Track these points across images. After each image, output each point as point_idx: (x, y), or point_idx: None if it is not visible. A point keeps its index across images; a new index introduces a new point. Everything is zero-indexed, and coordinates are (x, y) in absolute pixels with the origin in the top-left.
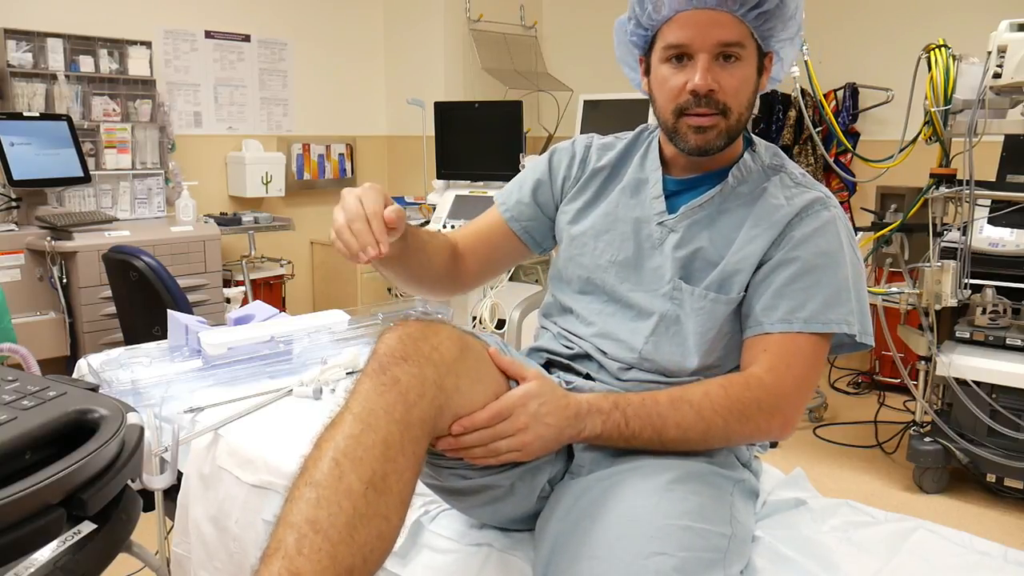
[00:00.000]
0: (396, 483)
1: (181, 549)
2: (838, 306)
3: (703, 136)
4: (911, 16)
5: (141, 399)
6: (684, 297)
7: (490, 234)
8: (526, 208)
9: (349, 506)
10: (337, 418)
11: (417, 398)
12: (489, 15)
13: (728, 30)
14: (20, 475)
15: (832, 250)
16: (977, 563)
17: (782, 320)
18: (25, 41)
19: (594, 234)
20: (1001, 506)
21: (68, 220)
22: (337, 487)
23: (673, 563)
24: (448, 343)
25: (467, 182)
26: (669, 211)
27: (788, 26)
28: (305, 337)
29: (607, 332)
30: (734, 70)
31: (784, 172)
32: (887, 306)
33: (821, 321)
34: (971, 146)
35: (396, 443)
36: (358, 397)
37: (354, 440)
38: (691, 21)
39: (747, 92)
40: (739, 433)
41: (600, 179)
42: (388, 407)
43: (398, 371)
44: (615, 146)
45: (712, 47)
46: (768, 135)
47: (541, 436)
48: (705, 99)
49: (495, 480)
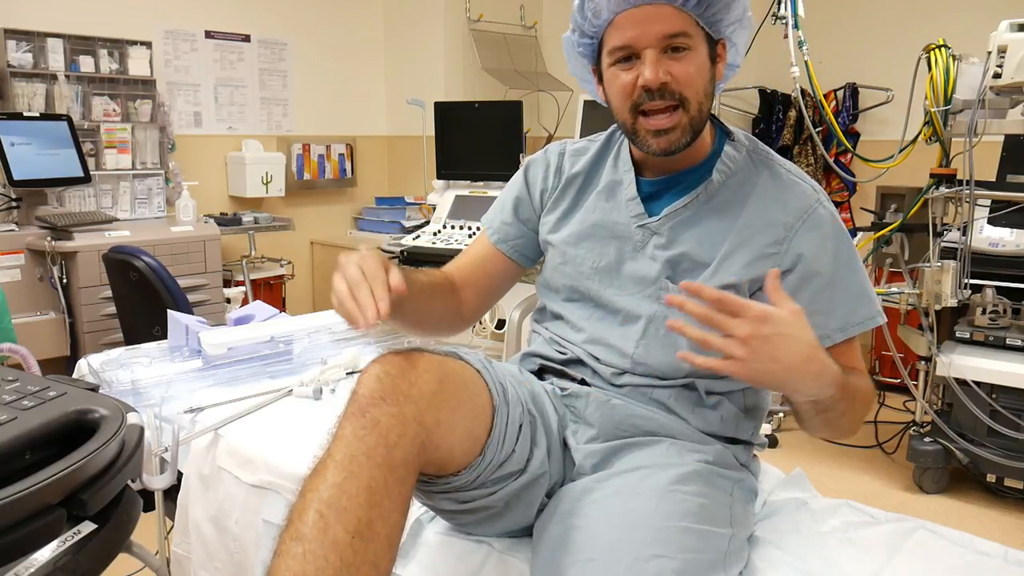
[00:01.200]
0: (383, 528)
1: (181, 549)
2: (864, 304)
3: (665, 138)
4: (911, 16)
5: (141, 399)
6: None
7: (483, 262)
8: (511, 228)
9: (336, 558)
10: (320, 466)
11: (398, 438)
12: (489, 15)
13: (670, 22)
14: (20, 475)
15: (840, 252)
16: (977, 563)
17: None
18: (25, 41)
19: (574, 241)
20: (1001, 506)
21: (68, 220)
22: (323, 540)
23: (673, 565)
24: (426, 376)
25: (467, 182)
26: (650, 213)
27: (732, 9)
28: (305, 337)
29: (598, 338)
30: (684, 60)
31: (774, 163)
32: (887, 306)
33: (857, 324)
34: (971, 146)
35: (380, 488)
36: (340, 443)
37: (337, 489)
38: (632, 20)
39: (702, 81)
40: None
41: (576, 186)
42: (369, 452)
43: (377, 412)
44: (588, 150)
45: (657, 41)
46: (768, 135)
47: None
48: (659, 92)
49: (489, 502)
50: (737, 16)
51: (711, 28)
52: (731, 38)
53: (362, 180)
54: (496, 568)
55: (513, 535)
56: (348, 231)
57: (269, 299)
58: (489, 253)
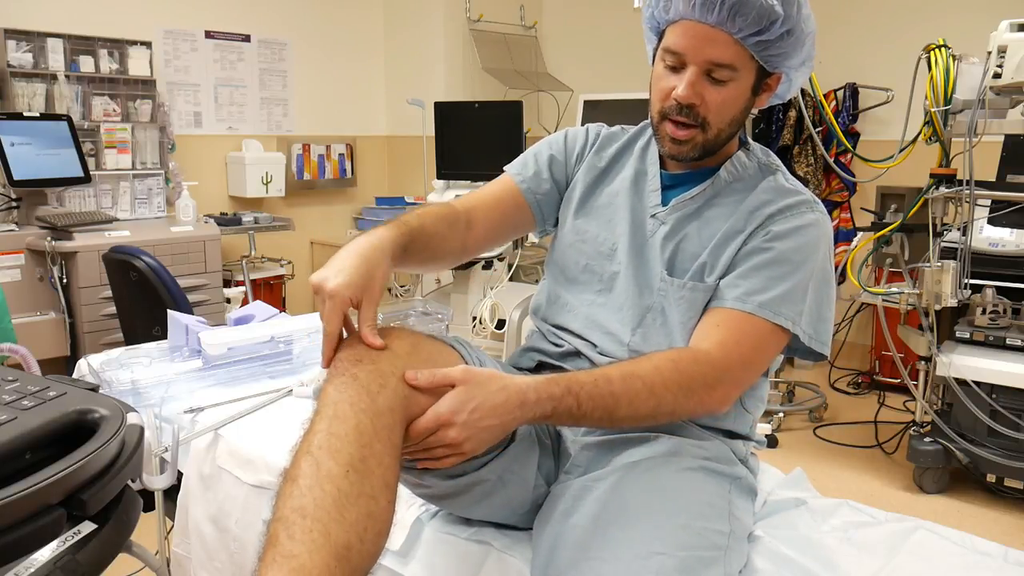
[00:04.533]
0: (376, 466)
1: (181, 549)
2: (792, 303)
3: (677, 147)
4: (911, 16)
5: (141, 399)
6: (668, 289)
7: (503, 203)
8: (544, 182)
9: (332, 488)
10: (308, 425)
11: (379, 388)
12: (489, 15)
13: (722, 50)
14: (20, 475)
15: (806, 250)
16: (977, 563)
17: (738, 299)
18: (25, 41)
19: (597, 223)
20: (1001, 506)
21: (68, 220)
22: (317, 474)
23: (674, 563)
24: (399, 341)
25: (467, 182)
26: (663, 204)
27: (796, 53)
28: (305, 337)
29: (597, 323)
30: (721, 89)
31: (780, 172)
32: (887, 306)
33: (772, 310)
34: (971, 146)
35: (368, 430)
36: (323, 399)
37: (325, 433)
38: (690, 32)
39: (733, 111)
40: (684, 407)
41: (601, 167)
42: (352, 399)
43: (356, 370)
44: (620, 137)
45: (703, 63)
46: (768, 135)
47: (483, 440)
48: (686, 109)
49: (480, 476)
50: (798, 61)
51: (767, 63)
52: (789, 74)
53: (362, 180)
54: (496, 567)
55: (513, 521)
56: (348, 231)
57: (269, 299)
58: (511, 197)
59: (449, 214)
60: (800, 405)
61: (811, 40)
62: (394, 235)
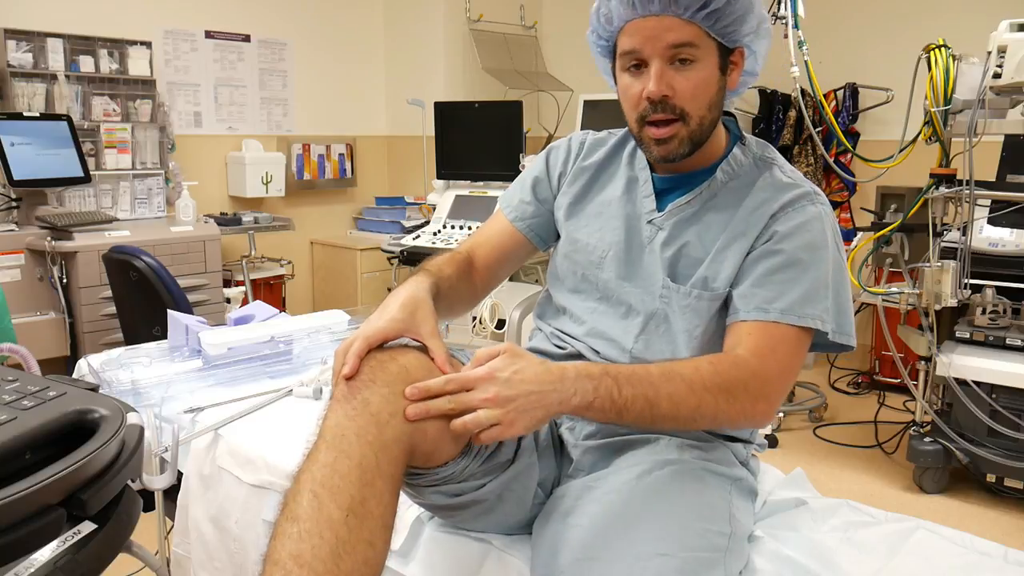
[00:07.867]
0: (376, 507)
1: (181, 549)
2: (815, 302)
3: (665, 147)
4: (911, 16)
5: (141, 399)
6: (672, 295)
7: (500, 241)
8: (528, 207)
9: (331, 536)
10: (312, 449)
11: (389, 417)
12: (489, 15)
13: (677, 32)
14: (20, 475)
15: (816, 246)
16: (977, 563)
17: (759, 308)
18: (25, 41)
19: (588, 231)
20: (1001, 506)
21: (68, 220)
22: (317, 518)
23: (674, 564)
24: (416, 363)
25: (467, 182)
26: (659, 210)
27: (747, 20)
28: (305, 337)
29: (599, 331)
30: (689, 73)
31: (776, 166)
32: (887, 306)
33: (797, 314)
34: (971, 146)
35: (372, 466)
36: (329, 424)
37: (329, 469)
38: (640, 28)
39: (706, 94)
40: (727, 413)
41: (589, 174)
42: (360, 431)
43: (367, 393)
44: (607, 142)
45: (663, 51)
46: (768, 135)
47: (521, 409)
48: (660, 105)
49: (479, 495)
50: (752, 27)
51: (724, 38)
52: (749, 46)
53: (362, 180)
54: (496, 567)
55: (513, 532)
56: (348, 231)
57: (269, 299)
58: (506, 232)
59: (455, 257)
60: (800, 405)
61: (758, 4)
62: (424, 279)
